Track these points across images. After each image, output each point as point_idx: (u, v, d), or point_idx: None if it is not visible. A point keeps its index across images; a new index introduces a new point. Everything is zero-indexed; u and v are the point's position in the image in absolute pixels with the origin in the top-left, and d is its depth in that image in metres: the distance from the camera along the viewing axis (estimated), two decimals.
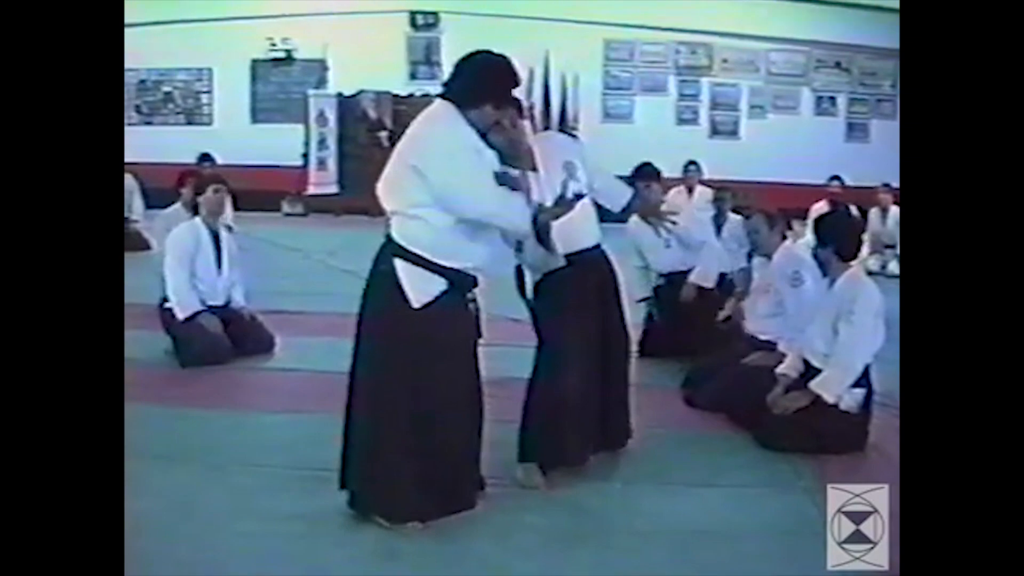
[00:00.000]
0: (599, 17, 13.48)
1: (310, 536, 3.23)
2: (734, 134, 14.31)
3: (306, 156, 13.62)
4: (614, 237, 4.21)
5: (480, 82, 3.25)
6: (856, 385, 4.16)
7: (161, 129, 14.13)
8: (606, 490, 3.72)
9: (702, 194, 9.00)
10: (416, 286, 3.18)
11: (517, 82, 3.38)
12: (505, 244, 3.48)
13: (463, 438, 3.33)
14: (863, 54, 13.98)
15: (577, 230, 3.69)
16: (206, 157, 9.96)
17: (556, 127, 12.40)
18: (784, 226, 5.13)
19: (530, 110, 11.19)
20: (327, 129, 13.68)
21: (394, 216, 3.25)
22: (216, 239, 5.81)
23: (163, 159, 10.86)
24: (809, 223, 6.30)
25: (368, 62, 13.48)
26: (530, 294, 3.76)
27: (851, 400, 4.16)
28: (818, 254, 4.41)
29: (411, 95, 13.07)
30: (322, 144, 13.69)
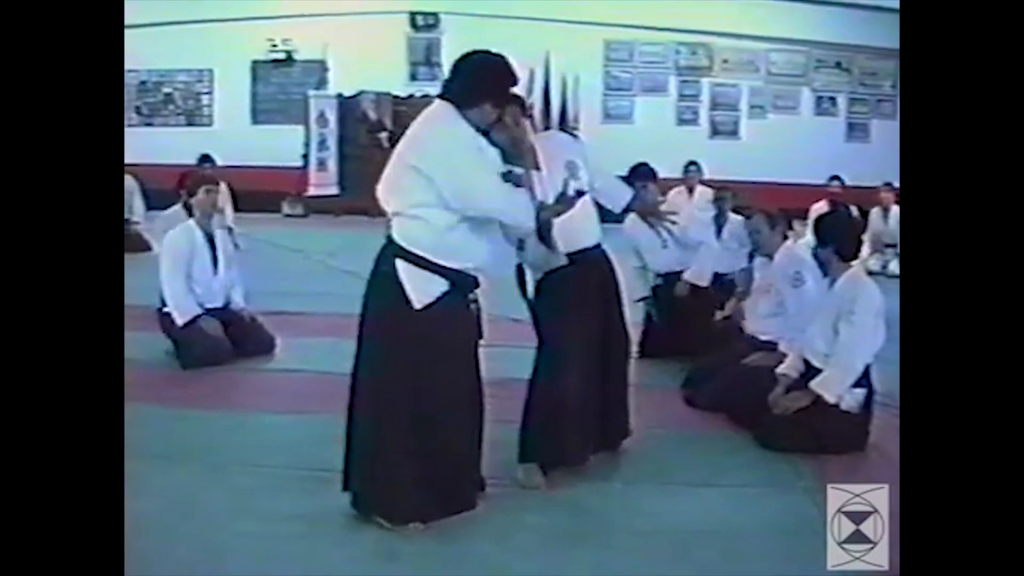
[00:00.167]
0: (599, 17, 13.46)
1: (310, 536, 3.23)
2: (734, 134, 14.29)
3: (306, 157, 13.64)
4: (613, 237, 4.21)
5: (477, 81, 3.26)
6: (857, 385, 4.16)
7: (161, 130, 14.14)
8: (606, 490, 3.72)
9: (702, 194, 8.99)
10: (417, 287, 3.19)
11: (515, 80, 3.38)
12: (507, 244, 3.48)
13: (464, 439, 3.33)
14: (863, 54, 13.96)
15: (578, 229, 3.69)
16: (206, 158, 9.94)
17: (556, 128, 12.39)
18: (785, 226, 5.14)
19: (530, 110, 11.18)
20: (327, 130, 13.69)
21: (395, 217, 3.25)
22: (211, 241, 5.78)
23: (163, 160, 10.89)
24: (809, 223, 6.29)
25: (368, 63, 13.48)
26: (531, 293, 3.76)
27: (852, 400, 4.16)
28: (818, 254, 4.41)
29: (411, 96, 13.08)
30: (322, 145, 13.70)
